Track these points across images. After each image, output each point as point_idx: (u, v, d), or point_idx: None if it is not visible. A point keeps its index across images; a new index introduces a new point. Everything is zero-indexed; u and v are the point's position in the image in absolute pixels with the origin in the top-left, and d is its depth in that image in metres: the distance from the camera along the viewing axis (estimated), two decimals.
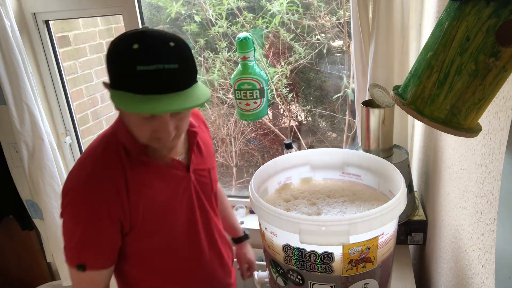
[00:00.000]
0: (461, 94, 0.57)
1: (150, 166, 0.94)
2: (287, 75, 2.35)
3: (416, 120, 1.51)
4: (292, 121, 2.62)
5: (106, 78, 0.84)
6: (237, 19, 2.19)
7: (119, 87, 0.79)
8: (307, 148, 2.18)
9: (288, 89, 2.42)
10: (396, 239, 0.96)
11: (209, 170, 1.10)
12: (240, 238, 1.41)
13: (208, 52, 2.32)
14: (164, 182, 0.97)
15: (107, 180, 0.88)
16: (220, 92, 2.48)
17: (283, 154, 1.37)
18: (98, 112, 2.57)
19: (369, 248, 0.84)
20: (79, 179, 0.89)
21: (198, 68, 0.87)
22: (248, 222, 1.89)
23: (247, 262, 1.40)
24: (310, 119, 2.59)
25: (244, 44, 1.61)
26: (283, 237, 0.88)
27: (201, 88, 0.84)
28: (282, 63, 2.32)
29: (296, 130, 2.58)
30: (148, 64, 0.76)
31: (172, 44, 0.79)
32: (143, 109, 0.76)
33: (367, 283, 0.89)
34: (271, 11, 2.13)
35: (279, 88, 2.40)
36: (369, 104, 1.33)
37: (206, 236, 1.10)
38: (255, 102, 1.68)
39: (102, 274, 0.94)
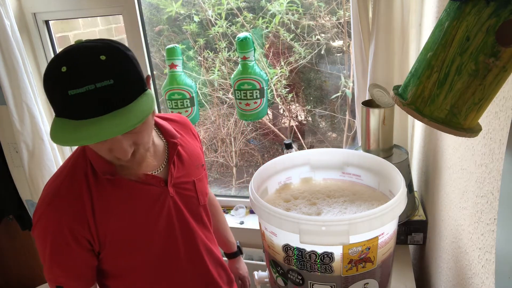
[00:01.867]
0: (461, 94, 0.57)
1: (119, 184, 0.90)
2: (287, 75, 2.35)
3: (416, 120, 1.51)
4: (292, 121, 2.62)
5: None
6: (237, 19, 2.19)
7: (59, 114, 0.73)
8: (307, 148, 2.18)
9: (288, 89, 2.42)
10: (396, 239, 0.96)
11: (194, 182, 1.04)
12: (234, 254, 1.36)
13: (207, 52, 2.32)
14: (136, 200, 0.92)
15: (71, 200, 0.86)
16: (220, 92, 2.48)
17: (283, 154, 1.37)
18: None
19: (369, 248, 0.84)
20: (44, 199, 0.87)
21: (197, 68, 0.84)
22: (248, 222, 1.89)
23: (240, 278, 1.35)
24: (310, 119, 2.59)
25: (244, 44, 1.61)
26: (283, 237, 0.88)
27: (146, 100, 0.76)
28: (282, 63, 2.32)
29: (296, 130, 2.58)
30: (78, 87, 0.69)
31: (103, 57, 0.72)
32: (75, 141, 0.70)
33: (367, 283, 0.89)
34: (271, 11, 2.13)
35: (279, 88, 2.40)
36: (369, 104, 1.33)
37: (188, 254, 1.04)
38: (255, 102, 1.68)
39: None
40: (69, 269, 0.90)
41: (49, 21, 1.94)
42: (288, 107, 2.60)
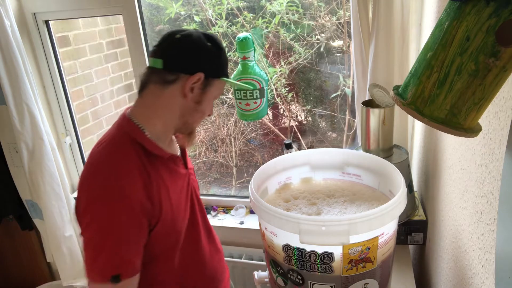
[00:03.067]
0: (461, 94, 0.57)
1: (162, 162, 0.94)
2: (287, 75, 2.35)
3: (416, 120, 1.51)
4: (292, 121, 2.62)
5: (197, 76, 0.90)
6: (237, 19, 2.19)
7: (218, 76, 0.93)
8: (307, 148, 2.18)
9: (288, 89, 2.42)
10: (396, 239, 0.96)
11: (192, 168, 1.13)
12: None
13: None
14: (172, 177, 0.96)
15: (135, 177, 0.86)
16: None
17: (283, 154, 1.37)
18: (98, 112, 2.57)
19: (369, 248, 0.84)
20: (106, 182, 0.83)
21: None
22: (248, 222, 1.89)
23: None
24: (310, 119, 2.59)
25: (244, 44, 1.61)
26: (283, 237, 0.88)
27: None
28: (282, 63, 2.32)
29: (296, 130, 2.58)
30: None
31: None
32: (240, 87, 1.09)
33: (367, 283, 0.89)
34: (271, 10, 2.13)
35: (279, 88, 2.40)
36: (369, 104, 1.33)
37: (205, 233, 1.09)
38: (255, 102, 1.68)
39: (134, 280, 0.87)
40: (133, 252, 0.86)
41: (49, 21, 1.94)
42: (288, 107, 2.60)
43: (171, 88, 0.90)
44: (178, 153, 1.03)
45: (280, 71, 2.33)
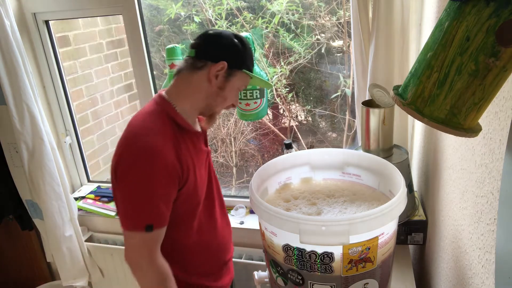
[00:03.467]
0: (461, 94, 0.57)
1: (188, 136, 1.07)
2: (287, 75, 2.35)
3: (416, 120, 1.51)
4: (292, 121, 2.62)
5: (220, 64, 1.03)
6: (237, 19, 2.19)
7: (240, 67, 1.07)
8: (307, 148, 2.18)
9: (288, 89, 2.42)
10: (396, 239, 0.96)
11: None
12: None
13: None
14: (195, 150, 1.09)
15: (169, 142, 0.99)
16: None
17: (283, 154, 1.37)
18: (98, 112, 2.57)
19: (369, 248, 0.84)
20: (146, 143, 0.96)
21: None
22: (248, 222, 1.89)
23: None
24: (310, 119, 2.59)
25: None
26: (283, 237, 0.88)
27: None
28: (282, 63, 2.31)
29: (296, 130, 2.58)
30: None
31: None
32: (261, 83, 1.16)
33: (367, 283, 0.89)
34: (271, 10, 2.13)
35: (279, 88, 2.40)
36: (369, 104, 1.33)
37: (219, 206, 1.22)
38: (255, 102, 1.67)
39: (163, 232, 1.00)
40: (165, 204, 0.98)
41: (49, 21, 1.94)
42: (288, 107, 2.60)
43: (199, 73, 1.05)
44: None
45: (281, 71, 2.33)
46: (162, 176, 0.95)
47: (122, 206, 0.98)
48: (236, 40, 1.07)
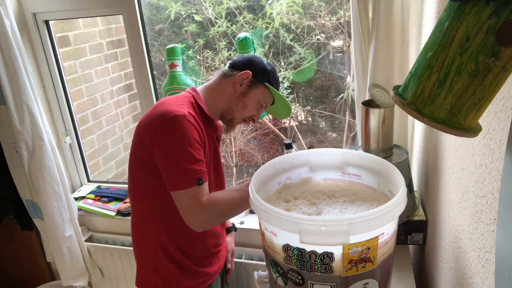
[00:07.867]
0: (461, 94, 0.57)
1: (208, 125, 1.24)
2: (289, 78, 2.35)
3: (416, 120, 1.51)
4: (292, 121, 2.62)
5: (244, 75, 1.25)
6: (237, 19, 2.19)
7: (263, 80, 1.27)
8: (307, 148, 2.18)
9: (289, 90, 2.42)
10: (396, 239, 0.96)
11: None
12: (229, 229, 1.61)
13: (207, 51, 2.32)
14: (209, 138, 1.25)
15: (194, 121, 1.14)
16: None
17: (283, 154, 1.37)
18: (98, 112, 2.57)
19: (369, 248, 0.84)
20: (178, 112, 1.11)
21: (197, 67, 0.96)
22: (248, 222, 1.89)
23: (230, 250, 1.59)
24: (310, 119, 2.59)
25: (244, 44, 1.61)
26: (283, 237, 0.88)
27: None
28: (282, 63, 2.31)
29: (296, 130, 2.58)
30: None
31: None
32: (283, 104, 1.33)
33: (367, 283, 0.89)
34: (271, 11, 2.13)
35: (279, 88, 2.40)
36: (369, 104, 1.33)
37: (215, 189, 1.33)
38: None
39: (207, 186, 1.14)
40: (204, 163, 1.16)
41: (49, 21, 1.94)
42: None
43: (227, 79, 1.26)
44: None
45: (283, 75, 2.33)
46: (194, 141, 1.11)
47: (170, 170, 1.11)
48: (264, 61, 1.29)
